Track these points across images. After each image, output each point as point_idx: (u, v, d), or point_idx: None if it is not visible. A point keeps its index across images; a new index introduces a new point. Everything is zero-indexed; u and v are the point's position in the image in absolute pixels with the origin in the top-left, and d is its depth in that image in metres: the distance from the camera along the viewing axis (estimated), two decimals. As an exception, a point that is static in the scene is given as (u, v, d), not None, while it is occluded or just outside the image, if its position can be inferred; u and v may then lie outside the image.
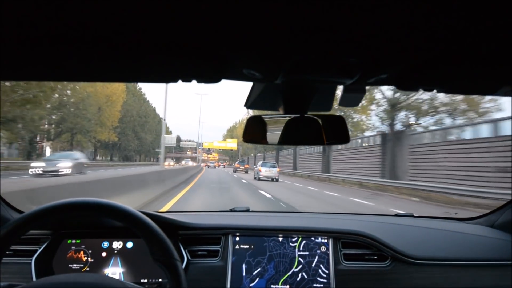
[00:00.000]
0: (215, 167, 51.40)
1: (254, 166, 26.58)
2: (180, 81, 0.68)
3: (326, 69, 0.67)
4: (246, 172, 32.01)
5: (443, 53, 0.60)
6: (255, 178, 20.88)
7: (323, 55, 0.62)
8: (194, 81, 0.67)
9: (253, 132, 0.94)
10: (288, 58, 0.63)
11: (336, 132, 0.91)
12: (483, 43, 0.55)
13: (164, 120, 21.15)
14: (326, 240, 1.32)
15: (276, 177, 20.52)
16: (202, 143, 59.70)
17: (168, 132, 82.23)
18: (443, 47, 0.57)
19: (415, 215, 1.64)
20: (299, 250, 1.30)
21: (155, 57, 0.60)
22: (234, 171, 32.24)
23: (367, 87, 0.84)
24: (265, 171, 20.39)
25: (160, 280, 1.21)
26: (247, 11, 0.46)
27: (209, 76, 0.67)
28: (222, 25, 0.50)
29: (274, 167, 20.99)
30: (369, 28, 0.50)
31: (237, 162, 36.41)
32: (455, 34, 0.52)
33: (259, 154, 51.42)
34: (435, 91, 0.73)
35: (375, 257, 1.31)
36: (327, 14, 0.46)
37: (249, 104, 0.98)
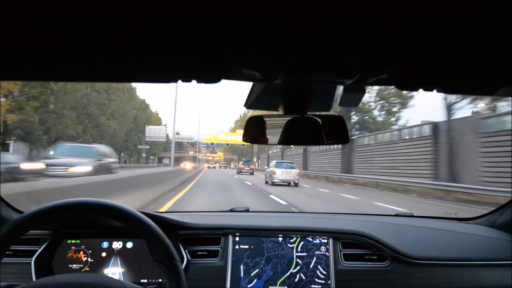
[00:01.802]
0: (214, 168, 59.02)
1: (266, 167, 23.51)
2: (180, 81, 0.68)
3: (326, 69, 0.68)
4: (252, 173, 30.79)
5: (443, 53, 0.60)
6: (266, 183, 17.15)
7: (323, 55, 0.62)
8: (194, 81, 0.68)
9: (253, 132, 0.94)
10: (288, 58, 0.63)
11: (336, 132, 0.91)
12: (483, 43, 0.55)
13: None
14: (325, 240, 1.32)
15: (295, 181, 16.48)
16: (203, 138, 45.75)
17: (159, 123, 56.28)
18: (443, 47, 0.57)
19: (415, 215, 1.64)
20: (297, 251, 1.30)
21: (155, 57, 0.60)
22: (238, 173, 31.47)
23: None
24: (280, 173, 16.25)
25: (160, 280, 1.21)
26: (247, 10, 0.46)
27: (209, 76, 0.67)
28: (222, 25, 0.50)
29: (292, 168, 16.83)
30: (369, 28, 0.50)
31: (241, 163, 35.39)
32: (455, 34, 0.52)
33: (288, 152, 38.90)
34: (435, 91, 0.73)
35: (375, 257, 1.31)
36: (327, 14, 0.46)
37: (249, 104, 0.98)
